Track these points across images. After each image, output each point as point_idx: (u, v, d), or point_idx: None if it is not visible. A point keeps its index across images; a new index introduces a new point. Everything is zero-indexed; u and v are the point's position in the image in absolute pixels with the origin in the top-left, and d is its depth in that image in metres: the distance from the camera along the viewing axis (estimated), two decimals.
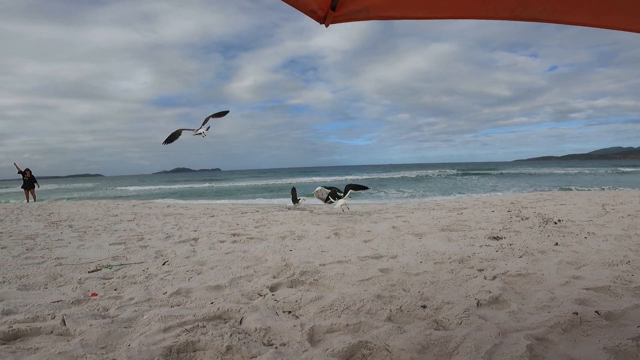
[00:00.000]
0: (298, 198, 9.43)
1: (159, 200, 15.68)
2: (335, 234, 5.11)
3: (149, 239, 5.10)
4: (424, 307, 2.35)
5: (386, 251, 3.97)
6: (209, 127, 5.70)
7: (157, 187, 36.64)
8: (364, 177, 36.84)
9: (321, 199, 8.78)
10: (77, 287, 2.87)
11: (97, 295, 2.69)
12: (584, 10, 1.51)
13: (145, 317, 2.18)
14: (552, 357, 1.75)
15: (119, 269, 3.46)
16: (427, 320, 2.18)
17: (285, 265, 3.42)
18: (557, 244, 3.96)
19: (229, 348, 1.77)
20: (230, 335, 1.87)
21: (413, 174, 40.95)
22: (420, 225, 5.59)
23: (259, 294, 2.66)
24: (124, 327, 2.06)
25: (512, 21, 1.54)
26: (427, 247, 4.07)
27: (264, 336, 1.97)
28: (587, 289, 2.57)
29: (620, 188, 15.40)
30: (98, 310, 2.37)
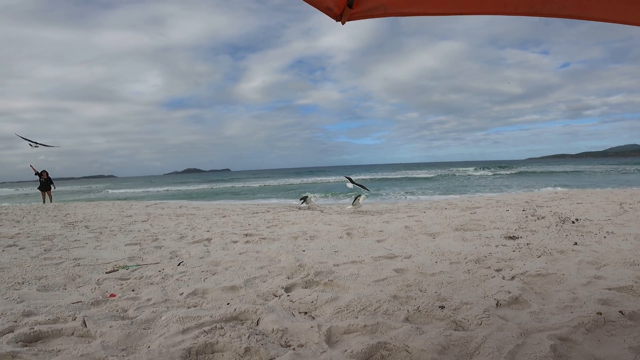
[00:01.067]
0: (308, 196, 9.45)
1: (172, 201, 15.86)
2: (348, 234, 5.09)
3: (163, 240, 5.16)
4: (442, 307, 2.32)
5: (400, 251, 3.93)
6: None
7: (168, 188, 36.82)
8: (369, 177, 36.64)
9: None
10: (95, 288, 2.91)
11: (115, 296, 2.72)
12: (605, 6, 1.47)
13: (163, 318, 2.20)
14: (576, 356, 1.73)
15: (135, 270, 3.50)
16: (446, 320, 2.16)
17: (299, 265, 3.42)
18: (576, 243, 3.87)
19: (247, 349, 1.77)
20: (248, 337, 1.87)
21: (423, 173, 40.62)
22: (433, 224, 5.53)
23: (274, 295, 2.66)
24: (143, 329, 2.08)
25: (523, 18, 1.51)
26: (441, 247, 4.02)
27: (281, 337, 1.97)
28: (610, 289, 2.52)
29: (636, 187, 15.02)
30: (117, 311, 2.40)
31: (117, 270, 3.51)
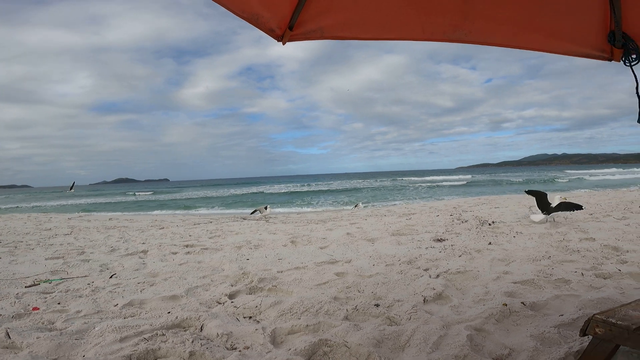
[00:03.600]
0: (265, 207, 9.28)
1: (100, 214, 14.57)
2: (292, 242, 5.19)
3: (91, 253, 4.80)
4: (377, 305, 2.53)
5: (341, 256, 4.14)
6: None
7: (93, 200, 32.60)
8: (312, 188, 37.18)
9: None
10: (15, 302, 2.66)
11: (39, 309, 2.52)
12: (501, 33, 1.80)
13: (97, 328, 2.11)
14: (489, 345, 1.94)
15: (59, 283, 3.24)
16: (381, 317, 2.34)
17: (242, 273, 3.43)
18: (490, 243, 4.41)
19: (192, 353, 1.78)
20: (192, 342, 1.88)
21: (368, 183, 42.24)
22: (373, 230, 5.87)
23: (217, 302, 2.67)
24: (75, 339, 1.98)
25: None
26: (379, 251, 4.31)
27: (226, 341, 2.00)
28: (515, 283, 2.89)
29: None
30: (43, 323, 2.25)
31: (39, 284, 3.22)
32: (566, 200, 5.62)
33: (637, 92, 1.82)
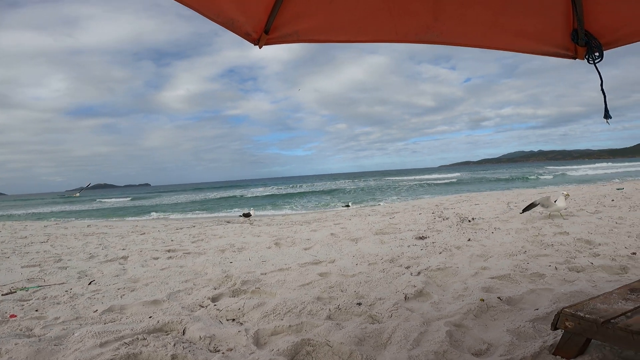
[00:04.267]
0: (249, 212, 9.32)
1: (77, 221, 14.15)
2: (276, 244, 5.19)
3: (69, 260, 4.67)
4: (359, 304, 2.56)
5: (325, 257, 4.17)
6: None
7: (71, 207, 31.41)
8: (297, 190, 37.12)
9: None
10: None
11: (16, 316, 2.47)
12: (470, 34, 1.86)
13: (76, 334, 2.08)
14: (468, 341, 1.98)
15: (36, 291, 3.16)
16: (363, 316, 2.37)
17: (226, 276, 3.42)
18: (469, 239, 4.53)
19: (174, 357, 1.77)
20: (174, 345, 1.87)
21: (353, 183, 42.41)
22: (357, 230, 5.93)
23: (200, 305, 2.65)
24: (54, 345, 1.96)
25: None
26: (362, 251, 4.36)
27: (209, 344, 2.00)
28: (492, 278, 2.95)
29: (522, 189, 17.85)
30: (21, 330, 2.21)
31: (15, 292, 3.14)
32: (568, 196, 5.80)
33: (602, 89, 1.90)
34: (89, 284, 3.39)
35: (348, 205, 13.92)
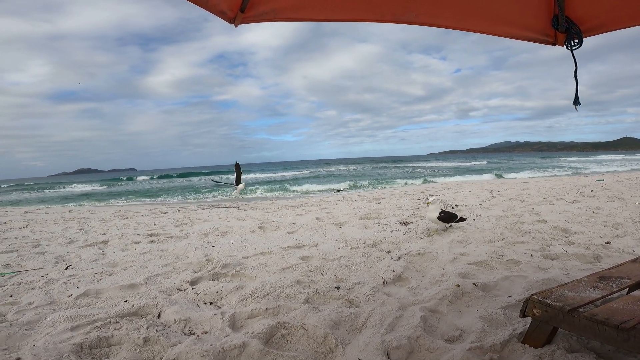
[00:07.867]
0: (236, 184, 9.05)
1: (58, 206, 13.84)
2: (260, 227, 5.17)
3: (47, 245, 4.57)
4: (337, 288, 2.59)
5: (308, 240, 4.18)
6: None
7: (50, 190, 30.29)
8: (293, 173, 36.96)
9: None
10: None
11: None
12: (447, 15, 1.82)
13: (49, 319, 2.06)
14: (442, 326, 2.01)
15: (12, 277, 3.08)
16: (341, 300, 2.39)
17: (207, 260, 3.40)
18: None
19: (146, 339, 1.76)
20: (147, 328, 1.86)
21: (344, 170, 42.36)
22: (342, 215, 5.95)
23: (178, 289, 2.63)
24: (26, 330, 1.94)
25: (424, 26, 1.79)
26: (345, 235, 4.39)
27: (184, 327, 1.99)
28: (470, 264, 2.99)
29: (505, 177, 18.16)
30: None
31: None
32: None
33: (575, 76, 1.91)
34: (66, 268, 3.33)
35: (340, 190, 14.11)
